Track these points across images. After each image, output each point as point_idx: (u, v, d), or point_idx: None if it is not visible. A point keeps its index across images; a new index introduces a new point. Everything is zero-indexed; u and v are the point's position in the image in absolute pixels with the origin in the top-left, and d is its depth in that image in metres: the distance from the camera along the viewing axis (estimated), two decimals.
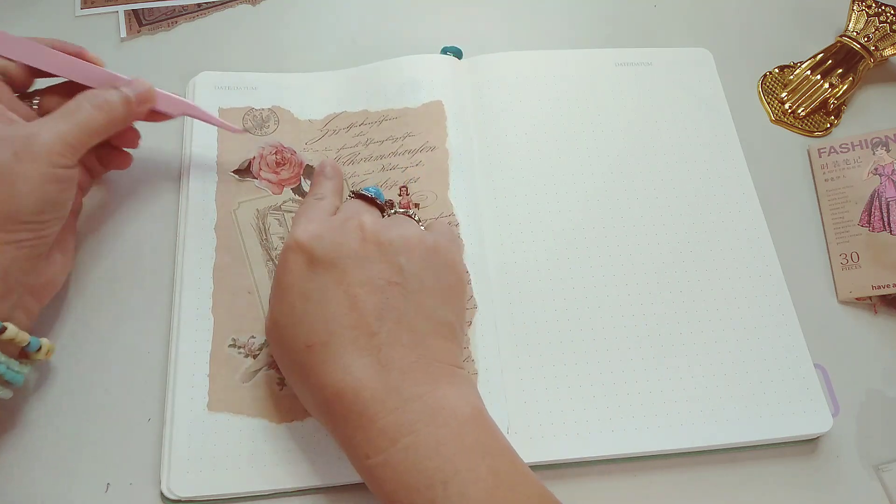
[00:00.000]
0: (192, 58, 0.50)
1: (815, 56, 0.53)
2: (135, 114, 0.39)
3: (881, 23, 0.53)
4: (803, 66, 0.53)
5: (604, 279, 0.43)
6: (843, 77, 0.52)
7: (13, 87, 0.39)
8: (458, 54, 0.50)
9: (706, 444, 0.39)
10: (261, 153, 0.45)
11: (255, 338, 0.40)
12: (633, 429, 0.39)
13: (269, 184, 0.44)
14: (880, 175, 0.47)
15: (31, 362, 0.36)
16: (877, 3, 0.54)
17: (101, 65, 0.40)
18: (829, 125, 0.51)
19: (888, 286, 0.43)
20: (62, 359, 0.39)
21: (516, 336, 0.41)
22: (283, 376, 0.38)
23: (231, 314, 0.40)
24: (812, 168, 0.50)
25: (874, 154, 0.47)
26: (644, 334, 0.41)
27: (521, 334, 0.41)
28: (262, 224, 0.43)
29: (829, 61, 0.53)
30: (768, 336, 0.42)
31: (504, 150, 0.47)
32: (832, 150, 0.49)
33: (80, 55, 0.39)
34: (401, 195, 0.44)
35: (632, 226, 0.45)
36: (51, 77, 0.40)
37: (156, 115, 0.41)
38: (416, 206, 0.44)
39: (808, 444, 0.40)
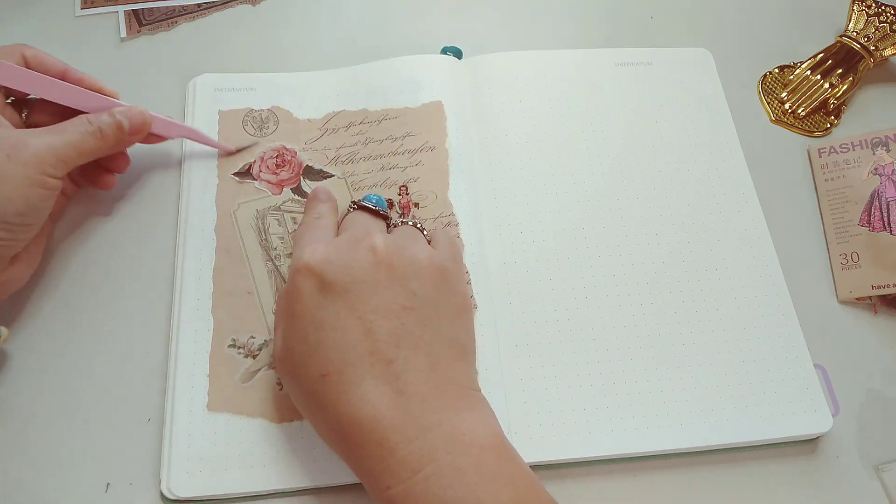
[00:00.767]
0: (192, 58, 0.50)
1: (815, 56, 0.53)
2: (126, 141, 0.40)
3: (881, 23, 0.53)
4: (803, 66, 0.53)
5: (604, 279, 0.43)
6: (843, 77, 0.52)
7: (6, 93, 0.39)
8: (458, 54, 0.50)
9: (706, 444, 0.39)
10: (261, 156, 0.45)
11: (254, 338, 0.40)
12: (634, 429, 0.39)
13: (269, 184, 0.44)
14: (880, 175, 0.47)
15: None
16: (877, 3, 0.54)
17: (91, 84, 0.40)
18: (829, 125, 0.51)
19: (888, 286, 0.43)
20: (62, 359, 0.39)
21: (516, 336, 0.41)
22: None
23: (231, 314, 0.40)
24: (812, 168, 0.50)
25: (874, 154, 0.47)
26: (644, 334, 0.41)
27: (521, 334, 0.41)
28: (262, 224, 0.43)
29: (829, 61, 0.53)
30: (768, 336, 0.42)
31: (504, 150, 0.47)
32: (832, 150, 0.49)
33: (64, 76, 0.40)
34: (400, 195, 0.44)
35: (632, 226, 0.45)
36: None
37: (153, 138, 0.42)
38: (416, 205, 0.44)
39: (808, 444, 0.40)
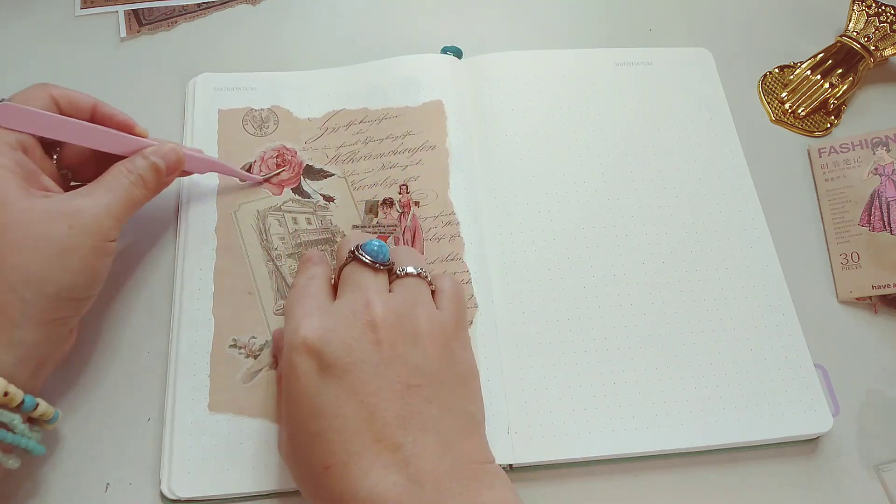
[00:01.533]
0: (192, 58, 0.50)
1: (815, 56, 0.53)
2: (164, 182, 0.38)
3: (881, 23, 0.53)
4: (803, 66, 0.53)
5: (604, 279, 0.43)
6: (843, 77, 0.52)
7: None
8: (458, 54, 0.50)
9: (706, 444, 0.39)
10: (262, 156, 0.45)
11: (255, 338, 0.40)
12: (634, 429, 0.39)
13: (270, 185, 0.44)
14: (880, 175, 0.47)
15: (42, 429, 0.34)
16: (877, 3, 0.54)
17: (122, 121, 0.38)
18: (829, 125, 0.51)
19: (888, 286, 0.43)
20: None
21: (516, 336, 0.41)
22: None
23: (232, 315, 0.40)
24: (812, 168, 0.50)
25: (874, 154, 0.47)
26: (644, 334, 0.41)
27: (521, 334, 0.41)
28: (263, 225, 0.43)
29: (829, 61, 0.53)
30: (768, 336, 0.42)
31: (504, 150, 0.47)
32: (832, 150, 0.49)
33: (94, 112, 0.38)
34: (401, 193, 0.44)
35: (632, 226, 0.45)
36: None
37: (183, 174, 0.41)
38: (416, 204, 0.44)
39: (809, 444, 0.40)
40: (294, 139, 0.46)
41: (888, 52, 0.52)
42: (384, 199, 0.44)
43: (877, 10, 0.53)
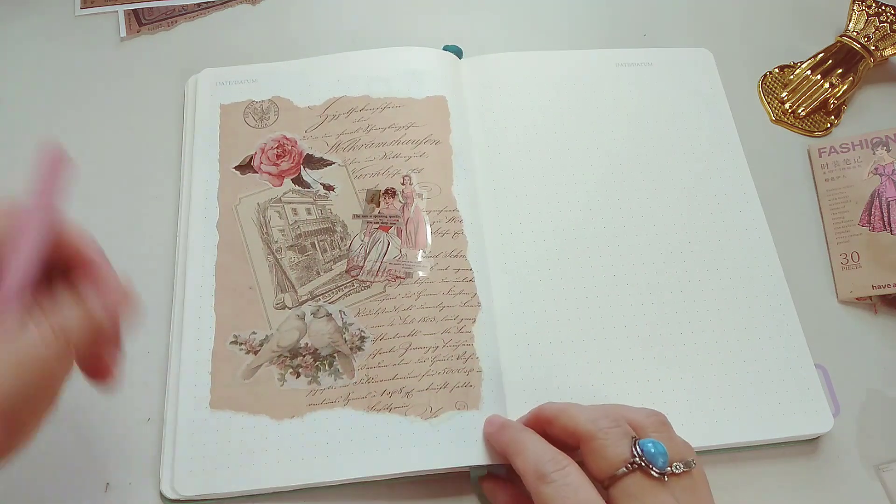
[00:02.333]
0: (192, 57, 0.50)
1: (815, 56, 0.53)
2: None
3: (881, 23, 0.53)
4: (803, 66, 0.53)
5: (604, 278, 0.43)
6: (843, 77, 0.52)
7: None
8: (458, 54, 0.50)
9: (706, 444, 0.39)
10: (262, 147, 0.45)
11: (255, 333, 0.40)
12: None
13: (270, 176, 0.44)
14: (880, 175, 0.47)
15: None
16: (877, 3, 0.54)
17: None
18: (829, 125, 0.51)
19: (888, 286, 0.43)
20: None
21: (516, 336, 0.41)
22: (283, 371, 0.39)
23: (233, 311, 0.40)
24: (812, 168, 0.50)
25: (874, 154, 0.47)
26: (644, 334, 0.41)
27: (521, 334, 0.41)
28: (263, 218, 0.43)
29: (830, 61, 0.53)
30: (768, 336, 0.42)
31: (505, 150, 0.47)
32: (832, 150, 0.49)
33: None
34: (403, 184, 0.44)
35: (632, 225, 0.45)
36: None
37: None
38: (420, 196, 0.43)
39: (809, 444, 0.40)
40: (295, 129, 0.46)
41: (888, 52, 0.52)
42: (386, 189, 0.44)
43: (877, 10, 0.53)
